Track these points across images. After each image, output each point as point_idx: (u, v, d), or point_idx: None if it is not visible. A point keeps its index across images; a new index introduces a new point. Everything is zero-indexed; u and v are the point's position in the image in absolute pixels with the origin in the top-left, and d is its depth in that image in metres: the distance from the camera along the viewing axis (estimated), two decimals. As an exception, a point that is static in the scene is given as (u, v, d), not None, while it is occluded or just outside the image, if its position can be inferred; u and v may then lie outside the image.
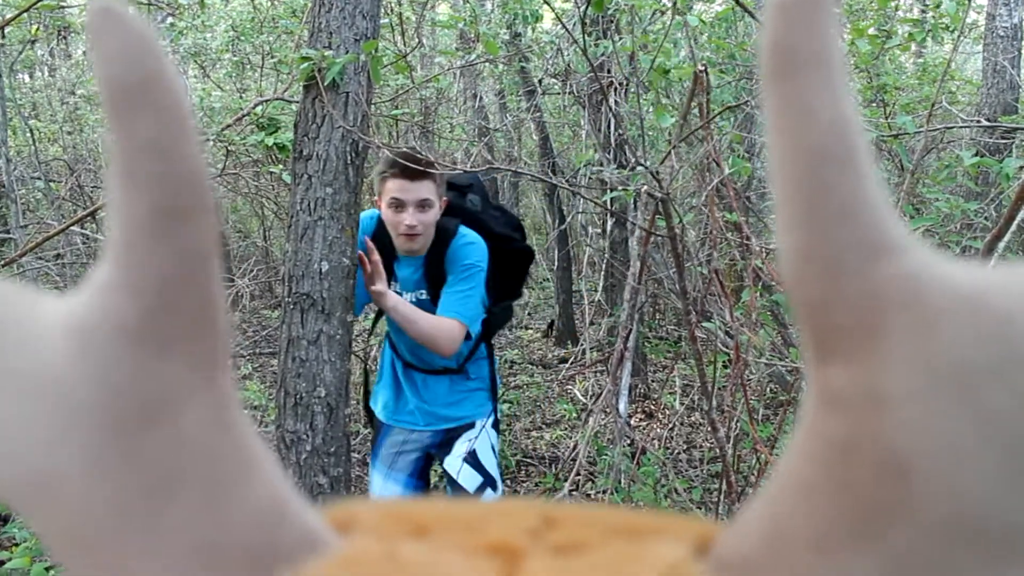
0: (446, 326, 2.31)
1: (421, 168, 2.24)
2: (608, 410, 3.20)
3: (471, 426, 2.61)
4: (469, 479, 2.52)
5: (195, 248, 0.23)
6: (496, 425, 2.71)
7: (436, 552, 0.26)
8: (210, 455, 0.24)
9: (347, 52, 2.14)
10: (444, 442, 2.61)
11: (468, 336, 2.40)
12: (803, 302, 0.24)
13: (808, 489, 0.24)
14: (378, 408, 2.73)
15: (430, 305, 2.41)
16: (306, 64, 2.09)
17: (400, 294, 2.44)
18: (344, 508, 0.28)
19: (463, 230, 2.43)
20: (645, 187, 1.93)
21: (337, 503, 0.29)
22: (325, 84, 2.09)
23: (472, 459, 2.54)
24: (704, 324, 2.85)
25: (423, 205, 2.28)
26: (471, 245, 2.40)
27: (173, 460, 0.24)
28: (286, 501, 0.26)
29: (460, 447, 2.56)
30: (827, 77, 0.22)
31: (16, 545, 2.81)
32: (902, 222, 0.24)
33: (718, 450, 2.34)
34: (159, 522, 0.24)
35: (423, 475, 2.68)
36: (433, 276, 2.44)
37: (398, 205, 2.27)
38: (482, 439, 2.59)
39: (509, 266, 2.61)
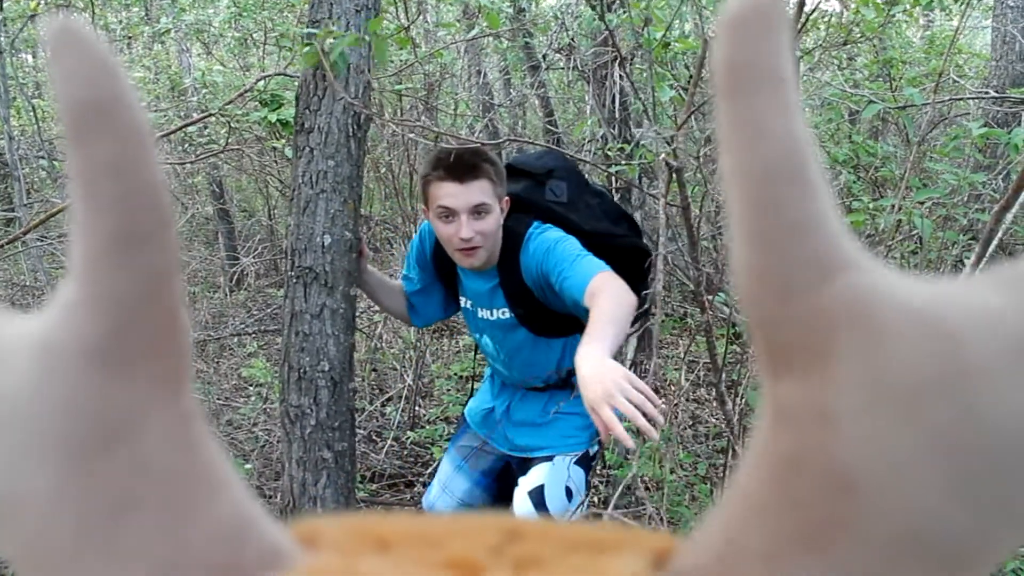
0: (614, 294, 1.72)
1: (471, 165, 1.91)
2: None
3: (549, 459, 2.21)
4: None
5: (156, 268, 0.23)
6: (586, 461, 2.26)
7: (395, 567, 0.26)
8: (171, 475, 0.25)
9: (348, 24, 2.12)
10: (522, 463, 2.28)
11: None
12: (756, 319, 0.24)
13: (759, 503, 0.24)
14: (470, 406, 2.49)
15: (516, 325, 2.11)
16: (309, 48, 2.02)
17: (474, 311, 2.18)
18: (309, 524, 0.29)
19: (536, 227, 2.03)
20: (664, 155, 1.91)
21: (303, 519, 0.29)
22: (330, 64, 2.03)
23: (537, 496, 2.15)
24: (712, 298, 2.84)
25: (478, 211, 1.93)
26: (543, 235, 1.99)
27: (134, 481, 0.24)
28: (250, 518, 0.26)
29: (532, 475, 2.20)
30: (779, 95, 0.23)
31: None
32: (855, 238, 0.24)
33: (724, 424, 2.33)
34: (119, 543, 0.24)
35: (498, 478, 2.38)
36: (515, 292, 2.06)
37: (447, 214, 1.94)
38: (556, 475, 2.18)
39: (616, 267, 1.88)
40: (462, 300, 2.24)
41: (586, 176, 2.31)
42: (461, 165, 1.90)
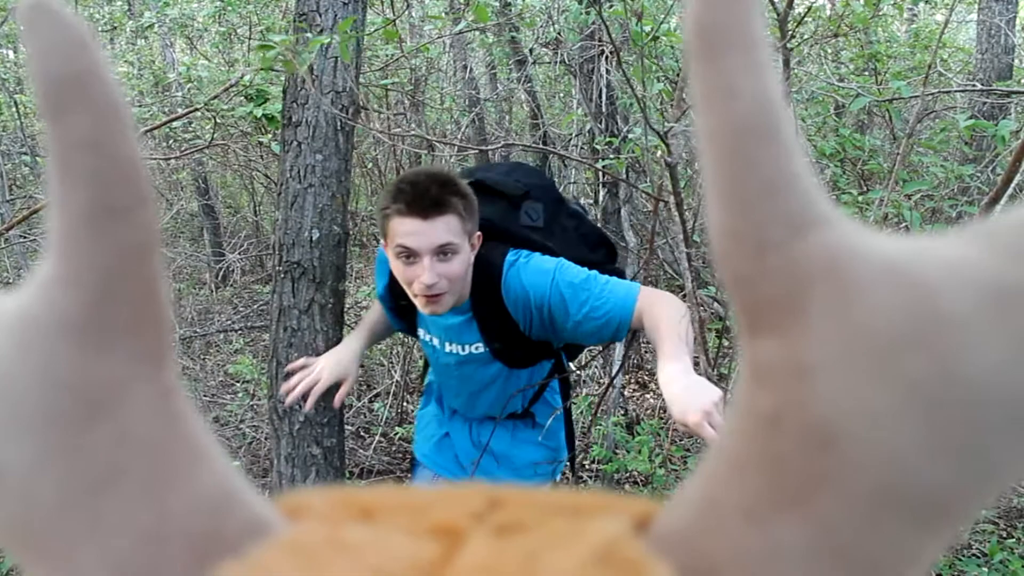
0: (670, 309, 1.61)
1: (437, 199, 1.62)
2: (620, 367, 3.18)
3: None
4: None
5: (134, 242, 0.24)
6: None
7: (379, 534, 0.26)
8: (153, 446, 0.25)
9: (336, 17, 2.10)
10: None
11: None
12: (731, 277, 0.24)
13: (739, 461, 0.25)
14: (420, 447, 2.23)
15: (491, 360, 1.90)
16: (272, 52, 1.90)
17: (440, 346, 1.93)
18: (294, 497, 0.29)
19: (514, 254, 1.78)
20: (660, 153, 1.89)
21: (288, 494, 0.29)
22: (302, 68, 1.92)
23: None
24: (701, 291, 2.84)
25: (444, 252, 1.66)
26: (532, 263, 1.77)
27: (116, 451, 0.24)
28: (233, 490, 0.27)
29: None
30: (750, 57, 0.23)
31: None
32: (828, 197, 0.24)
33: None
34: (102, 512, 0.24)
35: None
36: (494, 326, 1.83)
37: (408, 254, 1.66)
38: None
39: None
40: (421, 332, 1.98)
41: (562, 193, 2.09)
42: (425, 198, 1.62)
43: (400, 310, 1.94)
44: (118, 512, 0.24)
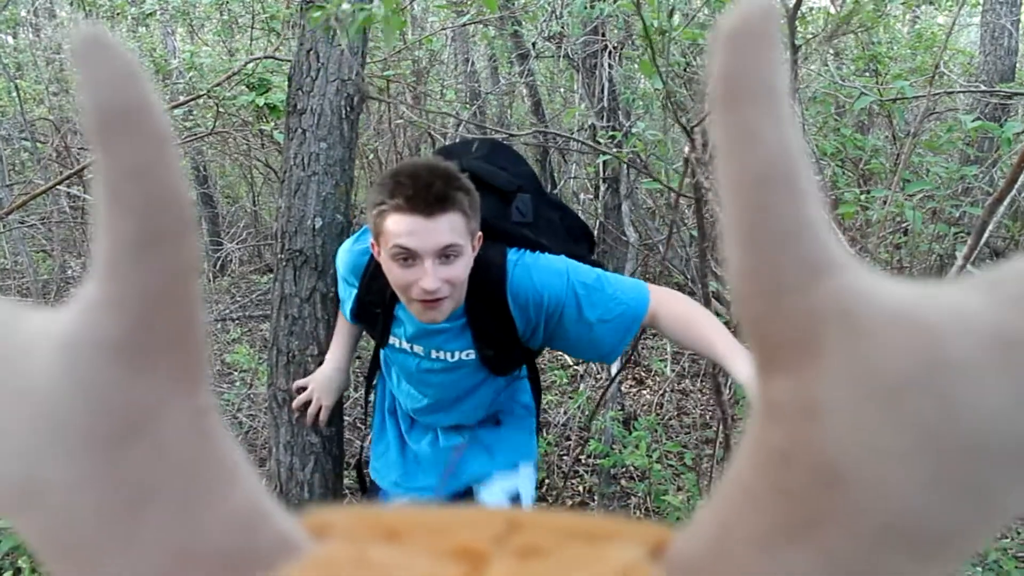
0: (691, 306, 1.64)
1: (441, 194, 1.47)
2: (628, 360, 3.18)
3: (514, 467, 1.98)
4: None
5: (176, 268, 0.25)
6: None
7: (403, 555, 0.27)
8: (189, 464, 0.26)
9: None
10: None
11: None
12: (749, 318, 0.25)
13: (751, 494, 0.26)
14: (383, 473, 2.08)
15: (478, 368, 1.79)
16: (319, 12, 1.82)
17: (423, 354, 1.78)
18: (320, 515, 0.30)
19: (513, 256, 1.67)
20: (687, 149, 1.88)
21: (314, 511, 0.31)
22: (345, 38, 1.82)
23: (516, 502, 1.94)
24: (712, 285, 2.83)
25: (447, 254, 1.51)
26: (539, 263, 1.67)
27: (153, 470, 0.25)
28: (263, 508, 0.28)
29: (500, 482, 1.94)
30: (771, 106, 0.24)
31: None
32: (840, 239, 0.26)
33: (720, 414, 2.33)
34: (139, 529, 0.25)
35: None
36: (490, 332, 1.71)
37: (407, 256, 1.50)
38: (526, 480, 1.99)
39: None
40: (394, 340, 1.81)
41: (540, 185, 1.97)
42: (428, 194, 1.46)
43: (371, 316, 1.82)
44: (155, 529, 0.25)
